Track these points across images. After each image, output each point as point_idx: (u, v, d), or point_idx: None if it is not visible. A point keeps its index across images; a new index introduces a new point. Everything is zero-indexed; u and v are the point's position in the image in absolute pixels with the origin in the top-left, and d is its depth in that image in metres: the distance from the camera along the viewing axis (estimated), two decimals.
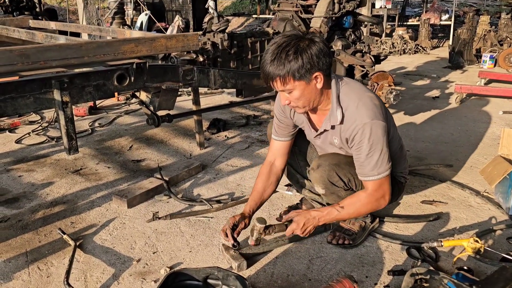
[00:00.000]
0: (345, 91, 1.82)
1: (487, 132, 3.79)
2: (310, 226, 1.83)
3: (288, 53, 1.65)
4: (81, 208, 2.57)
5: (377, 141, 1.76)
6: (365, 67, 3.96)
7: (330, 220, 1.88)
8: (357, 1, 4.10)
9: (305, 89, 1.73)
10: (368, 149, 1.76)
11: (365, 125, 1.74)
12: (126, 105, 4.95)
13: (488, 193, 2.60)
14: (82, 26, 4.89)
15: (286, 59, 1.65)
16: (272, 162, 2.13)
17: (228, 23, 3.49)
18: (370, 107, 1.77)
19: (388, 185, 1.85)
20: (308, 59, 1.65)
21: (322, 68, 1.70)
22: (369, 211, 1.92)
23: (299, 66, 1.65)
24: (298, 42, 1.67)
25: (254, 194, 2.07)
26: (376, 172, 1.80)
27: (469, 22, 7.24)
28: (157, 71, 2.58)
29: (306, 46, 1.66)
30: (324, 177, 1.95)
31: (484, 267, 1.91)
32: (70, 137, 2.16)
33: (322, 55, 1.69)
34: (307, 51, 1.66)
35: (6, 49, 1.85)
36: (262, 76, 1.75)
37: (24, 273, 1.97)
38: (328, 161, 1.96)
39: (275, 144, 2.13)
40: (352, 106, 1.79)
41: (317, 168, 1.98)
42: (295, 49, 1.65)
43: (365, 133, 1.75)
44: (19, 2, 7.37)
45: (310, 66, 1.66)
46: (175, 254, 2.09)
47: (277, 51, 1.67)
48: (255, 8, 14.12)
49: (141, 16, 9.86)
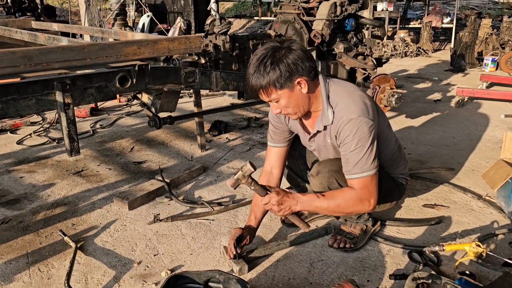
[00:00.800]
0: (334, 90, 1.83)
1: (489, 136, 3.79)
2: (287, 204, 1.76)
3: (266, 64, 1.69)
4: (82, 209, 2.57)
5: (363, 138, 1.74)
6: (367, 70, 3.97)
7: (308, 207, 1.80)
8: (359, 4, 4.10)
9: (290, 96, 1.75)
10: (354, 145, 1.75)
11: (351, 120, 1.74)
12: (127, 106, 4.95)
13: (490, 197, 2.59)
14: (84, 27, 4.89)
15: (265, 71, 1.69)
16: (269, 171, 2.13)
17: (230, 25, 3.50)
18: (359, 104, 1.77)
19: (374, 188, 1.79)
20: (285, 67, 1.68)
21: (304, 73, 1.72)
22: (350, 210, 1.83)
23: (277, 76, 1.68)
24: (274, 53, 1.70)
25: (255, 209, 2.07)
26: (360, 169, 1.76)
27: (471, 25, 7.23)
28: (159, 73, 2.58)
29: (282, 56, 1.70)
30: (323, 184, 1.94)
31: (486, 271, 1.91)
32: (72, 139, 2.16)
33: (300, 61, 1.71)
34: (283, 60, 1.69)
35: (9, 51, 1.85)
36: (248, 90, 1.79)
37: (25, 274, 1.97)
38: (327, 168, 1.95)
39: (272, 151, 2.13)
40: (341, 103, 1.79)
41: (317, 175, 1.97)
42: (272, 60, 1.69)
43: (352, 128, 1.74)
44: (21, 3, 7.40)
45: (289, 73, 1.69)
46: (176, 257, 2.09)
47: (257, 63, 1.71)
48: (257, 10, 14.13)
49: (143, 18, 9.89)
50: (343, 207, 1.81)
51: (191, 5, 12.12)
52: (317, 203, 1.79)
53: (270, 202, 1.76)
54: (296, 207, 1.78)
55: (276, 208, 1.76)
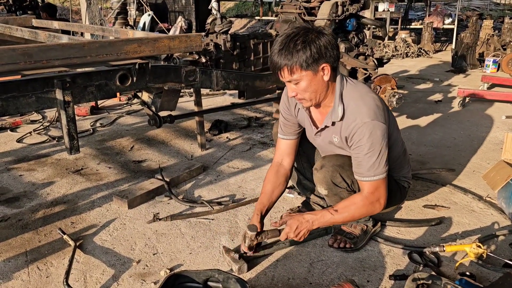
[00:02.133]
0: (348, 89, 1.83)
1: (490, 137, 3.78)
2: (303, 229, 1.81)
3: (297, 42, 1.66)
4: (82, 208, 2.56)
5: (376, 142, 1.75)
6: (368, 70, 3.95)
7: (324, 224, 1.85)
8: (360, 4, 4.09)
9: (312, 80, 1.73)
10: (367, 149, 1.75)
11: (365, 124, 1.74)
12: (127, 105, 4.95)
13: (491, 198, 2.58)
14: (85, 25, 4.89)
15: (294, 49, 1.66)
16: (280, 162, 2.11)
17: (231, 25, 3.49)
18: (372, 107, 1.77)
19: (384, 189, 1.83)
20: (316, 49, 1.66)
21: (330, 60, 1.71)
22: (364, 215, 1.89)
23: (307, 56, 1.66)
24: (307, 32, 1.68)
25: (263, 196, 2.03)
26: (373, 173, 1.78)
27: (472, 26, 7.23)
28: (160, 72, 2.57)
29: (315, 37, 1.68)
30: (327, 177, 1.94)
31: (487, 272, 1.90)
32: (72, 137, 2.15)
33: (330, 47, 1.70)
34: (316, 41, 1.67)
35: (9, 48, 1.84)
36: (270, 66, 1.76)
37: (24, 273, 1.96)
38: (332, 162, 1.95)
39: (282, 143, 2.12)
40: (353, 104, 1.79)
41: (321, 169, 1.97)
42: (304, 39, 1.67)
43: (365, 132, 1.74)
44: (22, 2, 7.38)
45: (318, 56, 1.67)
46: (175, 256, 2.08)
47: (286, 41, 1.68)
48: (258, 9, 14.12)
49: (144, 17, 9.88)
50: (357, 215, 1.86)
51: (192, 4, 12.12)
52: (332, 220, 1.84)
53: (289, 237, 1.83)
54: (313, 227, 1.84)
55: (297, 238, 1.83)
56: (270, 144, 3.60)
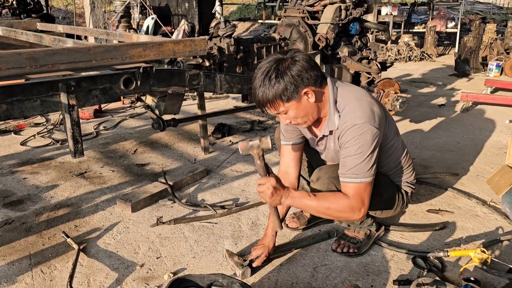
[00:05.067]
0: (342, 94, 1.81)
1: (494, 141, 3.77)
2: (279, 194, 1.69)
3: (271, 77, 1.67)
4: (85, 211, 2.57)
5: (364, 144, 1.72)
6: (371, 74, 3.96)
7: (298, 203, 1.75)
8: (363, 8, 4.10)
9: (298, 108, 1.73)
10: (354, 151, 1.73)
11: (355, 125, 1.72)
12: (131, 108, 4.96)
13: (495, 202, 2.57)
14: (89, 29, 4.91)
15: (270, 84, 1.67)
16: (285, 171, 2.09)
17: (235, 28, 3.50)
18: (365, 110, 1.75)
19: (367, 196, 1.77)
20: (290, 79, 1.66)
21: (310, 83, 1.71)
22: (339, 215, 1.81)
23: (283, 89, 1.67)
24: (278, 65, 1.68)
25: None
26: (354, 174, 1.74)
27: (475, 30, 7.22)
28: (164, 76, 2.58)
29: (286, 68, 1.67)
30: (323, 190, 1.93)
31: (491, 278, 1.89)
32: (76, 140, 2.16)
33: (305, 71, 1.69)
34: (287, 72, 1.67)
35: (15, 52, 1.85)
36: (256, 104, 1.77)
37: (27, 276, 1.97)
38: (327, 174, 1.94)
39: (286, 149, 2.10)
40: (347, 107, 1.77)
41: (317, 181, 1.96)
42: (276, 73, 1.67)
43: (354, 134, 1.72)
44: (26, 5, 7.42)
45: (295, 85, 1.67)
46: (178, 260, 2.08)
47: (262, 77, 1.69)
48: (261, 13, 14.15)
49: (148, 20, 9.93)
50: (332, 211, 1.78)
51: (196, 8, 12.17)
52: (307, 201, 1.74)
53: (265, 185, 1.69)
54: (286, 201, 1.73)
55: (269, 194, 1.68)
56: (273, 147, 3.60)
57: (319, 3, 4.02)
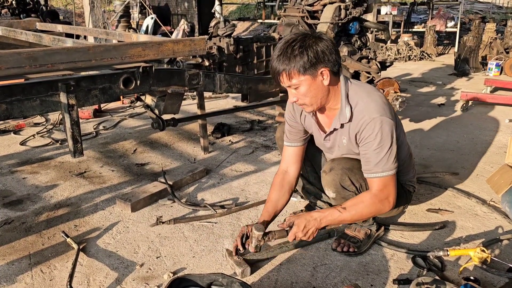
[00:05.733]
0: (354, 89, 1.83)
1: (493, 140, 3.77)
2: (312, 228, 1.78)
3: (294, 48, 1.68)
4: (85, 211, 2.57)
5: (385, 137, 1.75)
6: (371, 73, 3.96)
7: (332, 222, 1.82)
8: (363, 8, 4.09)
9: (311, 85, 1.73)
10: (376, 145, 1.75)
11: (373, 119, 1.74)
12: (130, 108, 4.96)
13: (495, 202, 2.57)
14: (88, 29, 4.91)
15: (292, 54, 1.68)
16: (285, 170, 2.10)
17: (234, 28, 3.50)
18: (380, 103, 1.78)
19: (393, 187, 1.82)
20: (313, 54, 1.68)
21: (328, 65, 1.72)
22: (373, 213, 1.87)
23: (304, 61, 1.67)
24: (304, 38, 1.70)
25: (268, 205, 2.03)
26: (381, 169, 1.77)
27: (475, 29, 7.22)
28: (163, 75, 2.58)
29: (313, 42, 1.69)
30: (336, 180, 1.93)
31: (491, 277, 1.89)
32: (76, 140, 2.16)
33: (329, 51, 1.71)
34: (313, 46, 1.68)
35: (14, 52, 1.85)
36: (270, 72, 1.78)
37: (27, 276, 1.97)
38: (341, 165, 1.94)
39: (288, 150, 2.11)
40: (361, 102, 1.79)
41: (330, 172, 1.96)
42: (301, 44, 1.68)
43: (374, 127, 1.74)
44: (25, 5, 7.43)
45: (316, 60, 1.68)
46: (178, 259, 2.08)
47: (284, 47, 1.70)
48: (261, 13, 14.14)
49: (147, 20, 9.91)
50: (366, 213, 1.83)
51: (195, 8, 12.16)
52: (340, 218, 1.80)
53: (297, 237, 1.79)
54: (321, 225, 1.81)
55: (306, 237, 1.79)
56: (273, 147, 3.60)
57: (319, 2, 4.02)
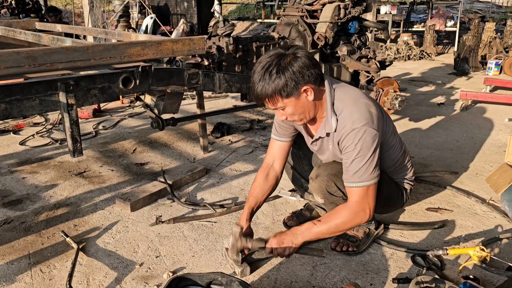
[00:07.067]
0: (339, 97, 1.81)
1: (493, 139, 3.77)
2: (288, 241, 1.77)
3: (272, 72, 1.66)
4: (84, 210, 2.57)
5: (365, 147, 1.73)
6: (370, 73, 3.96)
7: (309, 235, 1.79)
8: (362, 7, 4.09)
9: (296, 104, 1.73)
10: (355, 154, 1.74)
11: (354, 130, 1.73)
12: (130, 108, 4.96)
13: (494, 201, 2.58)
14: (88, 28, 4.91)
15: (270, 79, 1.66)
16: (271, 164, 2.11)
17: (233, 28, 3.50)
18: (363, 113, 1.75)
19: (372, 197, 1.78)
20: (291, 76, 1.66)
21: (310, 81, 1.70)
22: (350, 225, 1.83)
23: (283, 84, 1.66)
24: (279, 60, 1.68)
25: (251, 200, 2.03)
26: (359, 179, 1.75)
27: (474, 28, 7.22)
28: (163, 75, 2.58)
29: (288, 64, 1.67)
30: (322, 187, 1.94)
31: (490, 276, 1.89)
32: (75, 140, 2.16)
33: (306, 68, 1.68)
34: (289, 68, 1.66)
35: (13, 51, 1.85)
36: (253, 97, 1.77)
37: (27, 275, 1.97)
38: (327, 171, 1.94)
39: (275, 144, 2.11)
40: (345, 110, 1.78)
41: (316, 178, 1.97)
42: (277, 68, 1.66)
43: (354, 138, 1.73)
44: (25, 5, 7.42)
45: (295, 82, 1.67)
46: (178, 259, 2.08)
47: (262, 71, 1.69)
48: (260, 12, 14.13)
49: (146, 20, 9.90)
50: (341, 226, 1.79)
51: (194, 7, 12.15)
52: (316, 230, 1.78)
53: (273, 249, 1.79)
54: (298, 240, 1.78)
55: (281, 250, 1.78)
56: None
57: (318, 2, 4.02)
